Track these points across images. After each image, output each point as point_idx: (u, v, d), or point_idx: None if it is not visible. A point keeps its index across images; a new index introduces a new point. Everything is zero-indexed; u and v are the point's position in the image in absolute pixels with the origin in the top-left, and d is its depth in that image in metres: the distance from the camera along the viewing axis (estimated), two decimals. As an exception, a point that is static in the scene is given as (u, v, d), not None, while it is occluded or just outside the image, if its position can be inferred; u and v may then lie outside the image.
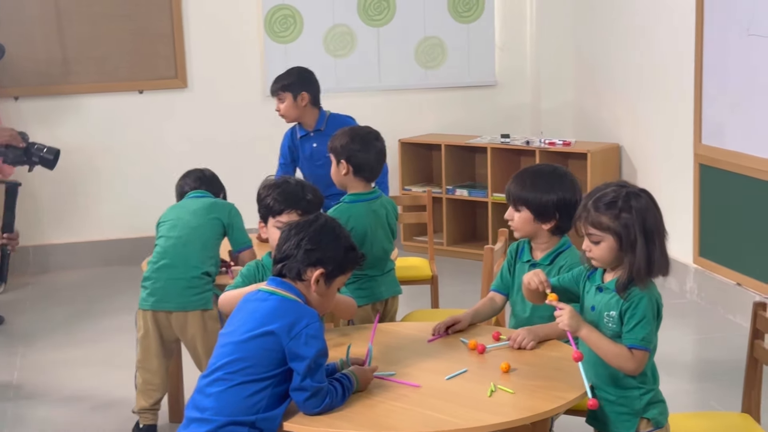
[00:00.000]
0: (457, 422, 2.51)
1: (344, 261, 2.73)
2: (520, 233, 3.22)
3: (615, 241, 2.67)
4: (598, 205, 2.70)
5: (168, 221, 3.91)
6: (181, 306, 3.79)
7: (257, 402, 2.53)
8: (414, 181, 7.02)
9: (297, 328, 2.54)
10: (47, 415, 4.39)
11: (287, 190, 3.25)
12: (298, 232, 2.70)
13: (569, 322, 2.67)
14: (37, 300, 6.08)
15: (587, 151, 6.35)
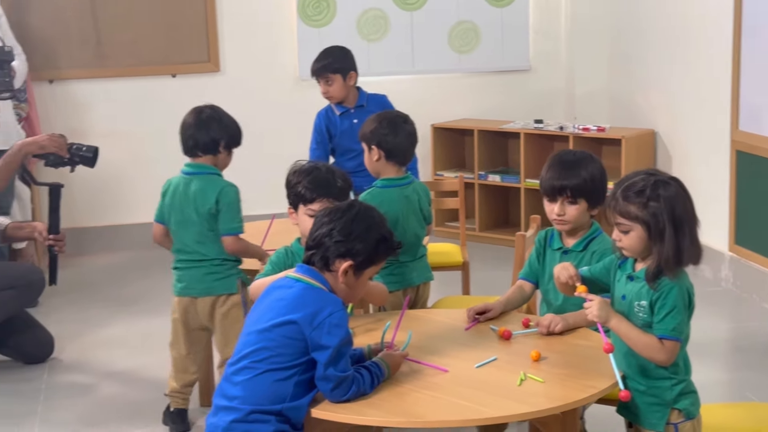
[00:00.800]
0: (486, 411, 2.50)
1: (375, 253, 2.68)
2: (573, 225, 3.16)
3: (644, 231, 2.63)
4: (627, 194, 2.66)
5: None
6: (206, 291, 3.79)
7: (283, 391, 2.52)
8: (446, 166, 6.99)
9: (320, 317, 2.52)
10: (81, 388, 4.47)
11: (318, 178, 3.22)
12: (331, 220, 2.66)
13: (598, 313, 2.63)
14: (71, 283, 6.12)
15: (622, 137, 6.28)
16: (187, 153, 3.87)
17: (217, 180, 3.84)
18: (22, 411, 4.25)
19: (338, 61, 4.93)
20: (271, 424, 2.51)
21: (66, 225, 6.62)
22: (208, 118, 3.86)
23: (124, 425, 4.08)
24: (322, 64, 4.95)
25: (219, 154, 3.87)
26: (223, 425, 2.53)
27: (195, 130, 3.84)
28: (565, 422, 2.61)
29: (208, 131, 3.85)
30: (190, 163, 3.86)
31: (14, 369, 4.71)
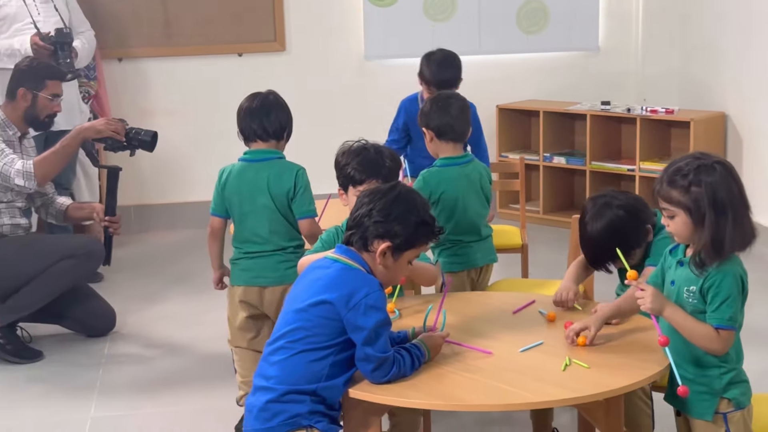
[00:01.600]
0: (527, 396, 2.47)
1: (414, 236, 2.63)
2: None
3: (687, 216, 2.57)
4: (671, 178, 2.60)
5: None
6: (279, 280, 3.63)
7: (318, 371, 2.52)
8: (511, 148, 6.92)
9: (356, 298, 2.50)
10: (140, 362, 4.56)
11: (367, 159, 3.19)
12: (371, 201, 2.64)
13: (652, 305, 2.57)
14: (135, 259, 6.22)
15: (690, 119, 6.15)
16: (252, 138, 3.69)
17: (290, 164, 3.72)
18: (81, 383, 4.34)
19: (459, 75, 4.85)
20: (305, 404, 2.51)
21: (132, 202, 6.78)
22: (275, 104, 3.78)
23: (180, 398, 4.13)
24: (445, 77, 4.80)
25: (281, 141, 3.75)
26: (259, 405, 2.54)
27: (263, 115, 3.72)
28: (609, 409, 2.57)
29: (277, 116, 3.74)
30: (254, 150, 3.69)
31: (76, 342, 4.81)
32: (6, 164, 4.45)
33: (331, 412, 2.56)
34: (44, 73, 4.70)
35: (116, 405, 4.12)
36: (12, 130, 4.63)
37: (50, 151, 4.60)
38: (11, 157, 4.47)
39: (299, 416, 2.52)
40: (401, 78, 6.93)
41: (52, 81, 4.70)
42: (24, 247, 4.60)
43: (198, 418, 3.94)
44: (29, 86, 4.64)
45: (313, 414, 2.52)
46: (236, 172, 3.68)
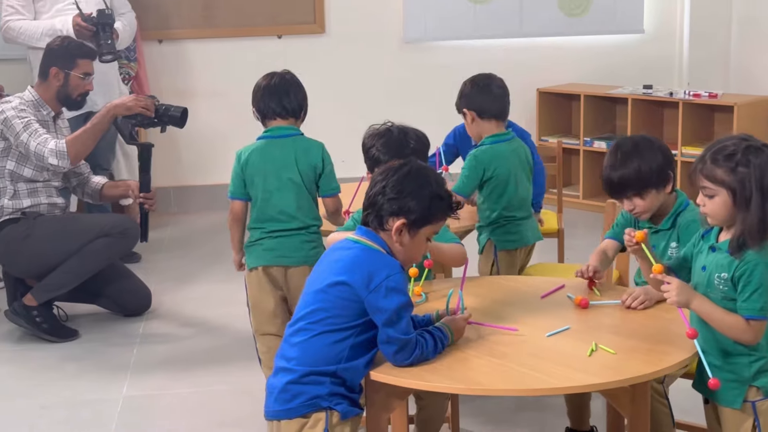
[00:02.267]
0: (551, 381, 2.43)
1: (429, 211, 2.58)
2: (651, 212, 3.03)
3: (729, 197, 2.51)
4: (716, 157, 2.54)
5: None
6: (303, 260, 3.62)
7: (338, 352, 2.50)
8: (551, 131, 6.85)
9: (376, 280, 2.47)
10: (175, 341, 4.60)
11: (391, 140, 3.18)
12: (384, 178, 2.61)
13: (678, 298, 2.51)
14: (173, 240, 6.26)
15: (734, 104, 6.05)
16: (271, 116, 3.67)
17: (313, 140, 3.71)
18: (115, 362, 4.38)
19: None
20: (325, 386, 2.50)
21: (170, 183, 6.82)
22: (293, 82, 3.76)
23: (213, 378, 4.14)
24: None
25: (299, 119, 3.72)
26: (279, 386, 2.53)
27: (282, 93, 3.71)
28: (634, 396, 2.53)
29: (296, 95, 3.73)
30: (276, 127, 3.67)
31: (111, 321, 4.85)
32: (40, 144, 4.49)
33: (351, 395, 2.55)
34: (75, 51, 4.73)
35: (149, 384, 4.15)
36: (46, 110, 4.66)
37: (82, 130, 4.63)
38: (45, 137, 4.51)
39: (319, 398, 2.51)
40: (440, 60, 6.91)
41: (83, 60, 4.73)
42: (60, 225, 4.64)
43: (231, 399, 3.96)
44: (61, 65, 4.67)
45: (333, 396, 2.51)
46: (258, 150, 3.64)
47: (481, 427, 3.65)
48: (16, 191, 4.59)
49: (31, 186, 4.62)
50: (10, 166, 4.58)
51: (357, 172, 5.40)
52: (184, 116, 4.66)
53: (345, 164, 6.92)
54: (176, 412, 3.91)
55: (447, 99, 6.75)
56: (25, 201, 4.61)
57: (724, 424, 2.62)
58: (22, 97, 4.65)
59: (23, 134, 4.49)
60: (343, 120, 6.81)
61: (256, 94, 3.72)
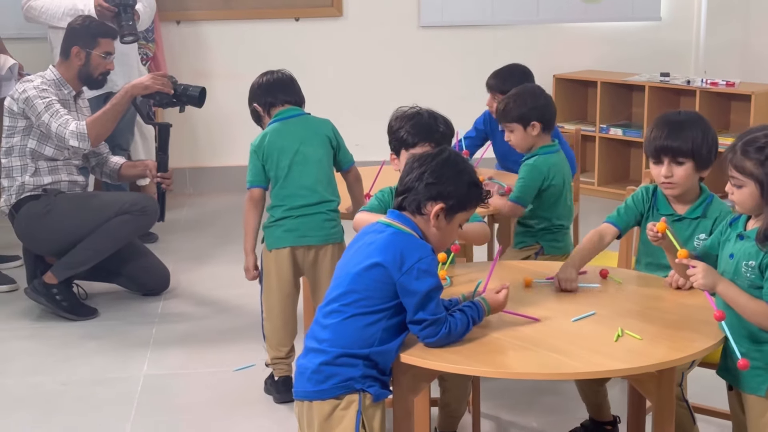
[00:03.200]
0: (576, 365, 2.45)
1: (466, 197, 2.62)
2: (682, 189, 3.02)
3: (756, 189, 2.53)
4: (746, 148, 2.55)
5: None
6: (325, 239, 3.71)
7: (371, 335, 2.52)
8: (567, 118, 6.85)
9: (409, 262, 2.50)
10: (193, 321, 4.64)
11: (420, 123, 3.19)
12: (421, 164, 2.63)
13: (704, 281, 2.53)
14: (190, 221, 6.29)
15: (752, 92, 6.04)
16: (279, 103, 3.84)
17: (321, 118, 3.87)
18: (135, 341, 4.40)
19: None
20: (358, 368, 2.52)
21: (187, 164, 6.84)
22: (292, 78, 3.92)
23: (232, 357, 4.16)
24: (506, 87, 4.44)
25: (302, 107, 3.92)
26: (312, 367, 2.56)
27: (287, 84, 3.90)
28: (660, 381, 2.54)
29: (298, 87, 3.92)
30: (286, 109, 3.81)
31: (130, 300, 4.88)
32: (61, 125, 4.51)
33: (382, 377, 2.57)
34: (97, 31, 4.75)
35: (169, 363, 4.18)
36: (67, 89, 4.68)
37: (101, 111, 4.65)
38: (65, 118, 4.53)
39: (352, 380, 2.53)
40: (456, 45, 6.91)
41: (104, 39, 4.75)
42: (80, 203, 4.67)
43: (250, 378, 3.98)
44: (82, 45, 4.69)
45: (366, 378, 2.53)
46: (274, 132, 3.76)
47: (501, 411, 3.68)
48: (38, 169, 4.62)
49: (51, 164, 4.64)
50: (32, 144, 4.60)
51: (372, 156, 5.45)
52: (203, 96, 4.69)
53: (359, 148, 6.94)
54: (196, 391, 3.94)
55: (462, 84, 6.82)
56: (46, 178, 4.63)
57: (748, 412, 2.63)
58: (43, 76, 4.67)
59: (44, 115, 4.51)
60: (359, 104, 6.83)
61: (260, 88, 3.87)
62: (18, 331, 4.57)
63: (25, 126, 4.60)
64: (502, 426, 3.61)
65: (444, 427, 3.37)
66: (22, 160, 4.63)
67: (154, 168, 4.76)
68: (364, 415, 2.55)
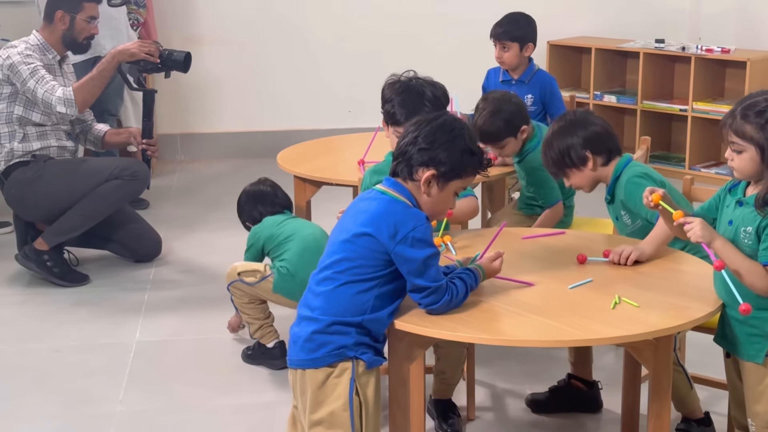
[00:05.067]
0: (575, 332, 2.44)
1: (460, 164, 2.56)
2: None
3: (757, 153, 2.50)
4: (746, 113, 2.52)
5: None
6: None
7: (364, 302, 2.50)
8: (562, 85, 6.72)
9: (403, 231, 2.47)
10: (185, 288, 4.61)
11: (409, 99, 3.13)
12: (416, 129, 2.59)
13: (702, 233, 2.51)
14: (180, 187, 6.24)
15: (747, 59, 6.00)
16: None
17: None
18: (127, 307, 4.38)
19: (520, 29, 4.60)
20: (351, 336, 2.50)
21: (178, 130, 6.79)
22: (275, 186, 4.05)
23: (223, 323, 4.13)
24: (504, 29, 4.59)
25: None
26: (304, 335, 2.53)
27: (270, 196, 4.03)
28: (658, 348, 2.52)
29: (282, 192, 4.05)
30: None
31: (122, 266, 4.85)
32: (47, 92, 4.46)
33: (375, 344, 2.55)
34: None
35: (161, 330, 4.16)
36: (51, 54, 4.63)
37: (87, 77, 4.61)
38: (51, 84, 4.48)
39: (345, 347, 2.51)
40: (450, 11, 6.85)
41: (89, 3, 4.69)
42: (70, 168, 4.63)
43: (241, 345, 3.96)
44: (67, 9, 4.63)
45: (358, 345, 2.51)
46: None
47: (496, 378, 3.67)
48: (26, 134, 4.57)
49: (40, 129, 4.59)
50: (18, 111, 4.55)
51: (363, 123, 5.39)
52: (188, 61, 4.66)
53: (351, 114, 6.92)
54: (189, 358, 3.92)
55: (456, 49, 6.76)
56: (35, 144, 4.59)
57: (745, 379, 2.63)
58: (27, 41, 4.61)
59: (30, 81, 4.46)
60: (350, 70, 6.77)
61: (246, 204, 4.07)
62: (9, 297, 4.55)
63: (11, 92, 4.55)
64: (496, 393, 3.60)
65: (439, 394, 3.36)
66: (9, 127, 4.58)
67: (138, 135, 4.75)
68: (358, 382, 2.53)
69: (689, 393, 3.12)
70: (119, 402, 3.58)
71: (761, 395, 2.59)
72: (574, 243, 3.07)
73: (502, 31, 4.60)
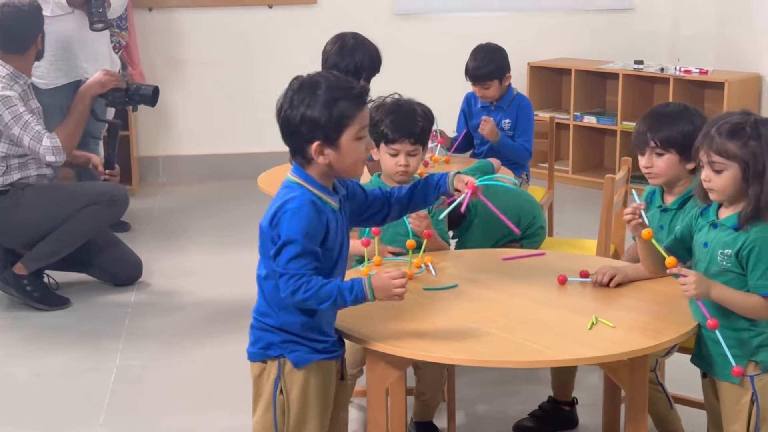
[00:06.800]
0: (550, 353, 2.44)
1: (334, 118, 2.40)
2: (664, 178, 2.99)
3: (740, 171, 2.52)
4: (725, 131, 2.54)
5: None
6: None
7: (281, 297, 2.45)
8: (542, 106, 6.85)
9: (276, 215, 2.41)
10: (166, 314, 4.57)
11: (400, 117, 3.20)
12: (279, 113, 2.47)
13: (697, 291, 2.50)
14: (163, 210, 6.24)
15: (725, 80, 6.06)
16: None
17: None
18: (108, 332, 4.37)
19: (495, 64, 4.60)
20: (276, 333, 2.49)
21: (162, 153, 6.81)
22: (352, 47, 3.80)
23: (205, 349, 4.14)
24: (480, 72, 4.59)
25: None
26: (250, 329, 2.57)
27: (338, 58, 3.96)
28: (633, 369, 2.54)
29: (353, 59, 3.81)
30: None
31: (103, 290, 4.83)
32: (33, 139, 4.45)
33: (308, 342, 2.48)
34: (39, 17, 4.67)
35: (142, 354, 4.14)
36: (22, 80, 4.57)
37: (67, 120, 4.63)
38: (36, 131, 4.45)
39: (272, 345, 2.49)
40: (430, 33, 6.90)
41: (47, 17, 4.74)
42: (48, 194, 4.62)
43: (223, 370, 3.95)
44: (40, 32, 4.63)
45: (286, 343, 2.48)
46: None
47: (477, 399, 3.67)
48: (9, 166, 4.55)
49: (22, 160, 4.58)
50: (2, 149, 4.52)
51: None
52: (156, 94, 4.72)
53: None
54: (169, 383, 3.91)
55: (437, 72, 6.79)
56: (15, 175, 4.57)
57: (722, 399, 2.64)
58: None
59: (15, 127, 4.43)
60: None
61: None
62: (-11, 322, 4.54)
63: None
64: (477, 414, 3.61)
65: (420, 416, 3.36)
66: None
67: (100, 164, 4.75)
68: (283, 381, 2.49)
69: (669, 412, 3.13)
70: (99, 426, 3.57)
71: (738, 415, 2.60)
72: (555, 264, 3.07)
73: (480, 74, 4.59)
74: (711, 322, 2.47)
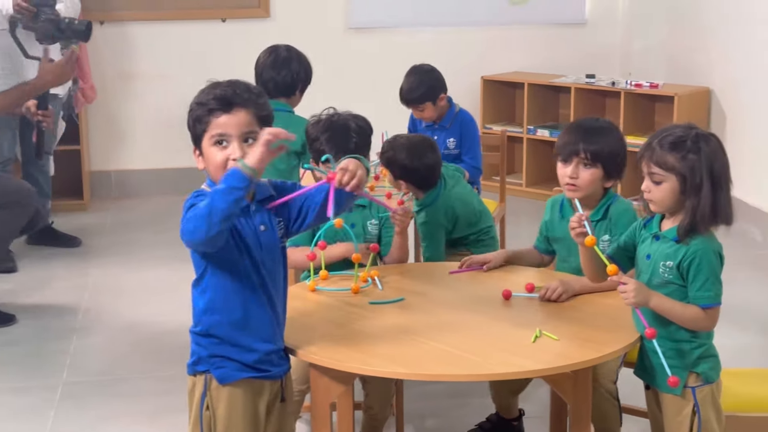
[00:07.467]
0: (493, 366, 2.45)
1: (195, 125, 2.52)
2: (585, 192, 2.99)
3: (678, 183, 2.54)
4: (666, 144, 2.56)
5: None
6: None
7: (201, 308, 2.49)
8: (495, 119, 6.88)
9: None
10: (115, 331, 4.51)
11: (335, 135, 3.23)
12: None
13: (636, 300, 2.51)
14: (115, 225, 6.18)
15: (675, 94, 6.12)
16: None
17: (297, 118, 3.84)
18: (54, 348, 4.31)
19: (426, 87, 4.58)
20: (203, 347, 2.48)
21: (117, 167, 6.74)
22: (286, 59, 3.82)
23: (154, 366, 4.10)
24: (411, 96, 4.58)
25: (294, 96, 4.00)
26: None
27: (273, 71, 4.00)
28: (576, 381, 2.55)
29: (289, 71, 3.81)
30: None
31: (49, 307, 4.77)
32: None
33: (235, 356, 2.45)
34: None
35: (89, 370, 4.10)
36: None
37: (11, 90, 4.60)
38: None
39: (200, 360, 2.48)
40: (385, 47, 6.91)
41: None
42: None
43: (171, 386, 3.91)
44: None
45: (213, 358, 2.46)
46: None
47: (425, 414, 3.67)
48: None
49: None
50: None
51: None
52: (89, 29, 4.65)
53: (289, 150, 6.92)
54: (117, 400, 3.86)
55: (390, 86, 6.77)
56: None
57: (664, 410, 2.65)
58: None
59: None
60: (288, 105, 6.78)
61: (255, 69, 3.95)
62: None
63: None
64: (426, 428, 3.60)
65: (368, 430, 3.35)
66: None
67: (33, 105, 4.65)
68: (209, 396, 2.47)
69: (617, 428, 3.13)
70: (44, 444, 3.53)
71: (680, 426, 2.61)
72: (502, 276, 3.08)
73: (411, 99, 4.58)
74: (648, 331, 2.48)
